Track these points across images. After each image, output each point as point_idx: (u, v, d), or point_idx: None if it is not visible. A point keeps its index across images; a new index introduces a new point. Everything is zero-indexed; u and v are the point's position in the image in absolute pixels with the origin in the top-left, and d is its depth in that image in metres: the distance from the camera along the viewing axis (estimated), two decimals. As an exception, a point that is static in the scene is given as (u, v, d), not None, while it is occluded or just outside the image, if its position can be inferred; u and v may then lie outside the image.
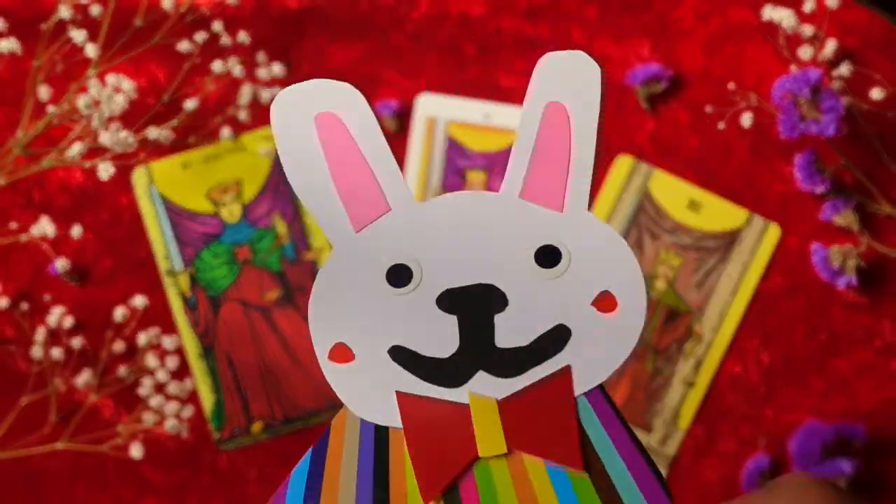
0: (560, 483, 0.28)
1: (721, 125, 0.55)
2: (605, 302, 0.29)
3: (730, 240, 0.55)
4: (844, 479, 0.51)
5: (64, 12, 0.51)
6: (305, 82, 0.29)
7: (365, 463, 0.29)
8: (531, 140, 0.30)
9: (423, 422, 0.28)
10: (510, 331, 0.29)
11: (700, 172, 0.56)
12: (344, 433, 0.29)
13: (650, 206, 0.56)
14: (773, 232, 0.55)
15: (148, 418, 0.52)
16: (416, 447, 0.28)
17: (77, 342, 0.54)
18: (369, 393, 0.29)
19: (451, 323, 0.29)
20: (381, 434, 0.29)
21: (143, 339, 0.53)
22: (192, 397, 0.54)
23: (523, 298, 0.29)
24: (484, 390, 0.29)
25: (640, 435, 0.55)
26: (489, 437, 0.28)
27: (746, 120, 0.54)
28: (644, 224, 0.55)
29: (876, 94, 0.53)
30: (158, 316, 0.55)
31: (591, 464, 0.28)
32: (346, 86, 0.29)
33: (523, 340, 0.29)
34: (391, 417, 0.29)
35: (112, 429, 0.54)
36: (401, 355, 0.29)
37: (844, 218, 0.54)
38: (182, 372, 0.54)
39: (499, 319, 0.29)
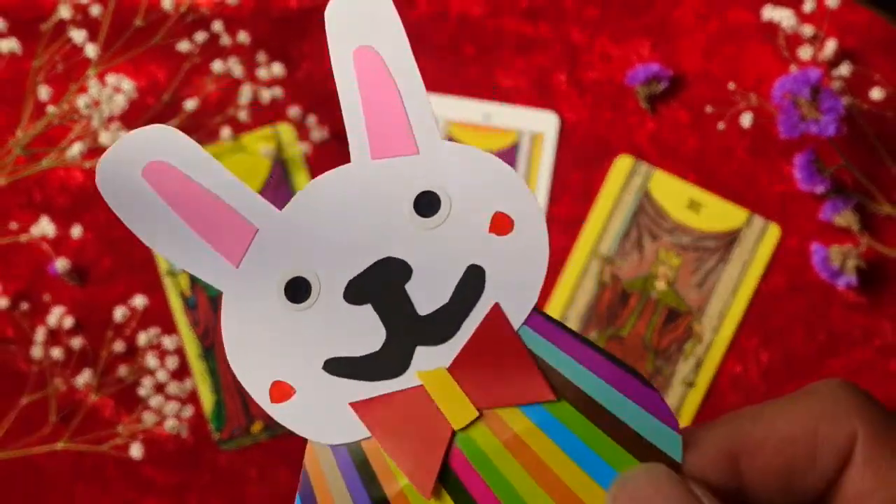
0: (543, 420, 0.27)
1: (721, 125, 0.55)
2: (499, 224, 0.28)
3: (730, 240, 0.55)
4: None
5: (64, 12, 0.51)
6: (117, 142, 0.28)
7: (354, 485, 0.28)
8: (355, 95, 0.28)
9: (388, 421, 0.27)
10: (426, 295, 0.27)
11: (700, 172, 0.56)
12: (320, 467, 0.28)
13: (650, 206, 0.56)
14: (773, 232, 0.55)
15: (148, 418, 0.52)
16: (393, 448, 0.27)
17: (77, 342, 0.54)
18: (325, 417, 0.28)
19: (368, 314, 0.27)
20: (355, 451, 0.28)
21: (143, 339, 0.53)
22: (192, 397, 0.54)
23: (423, 257, 0.28)
24: (429, 364, 0.27)
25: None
26: (456, 407, 0.27)
27: (746, 120, 0.54)
28: (644, 224, 0.55)
29: (876, 94, 0.53)
30: (158, 316, 0.55)
31: (562, 388, 0.27)
32: (161, 128, 0.28)
33: (443, 298, 0.27)
34: (356, 431, 0.27)
35: (112, 429, 0.54)
36: (337, 367, 0.28)
37: (844, 218, 0.54)
38: (182, 372, 0.54)
39: (410, 288, 0.27)
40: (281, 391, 0.28)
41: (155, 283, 0.56)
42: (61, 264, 0.55)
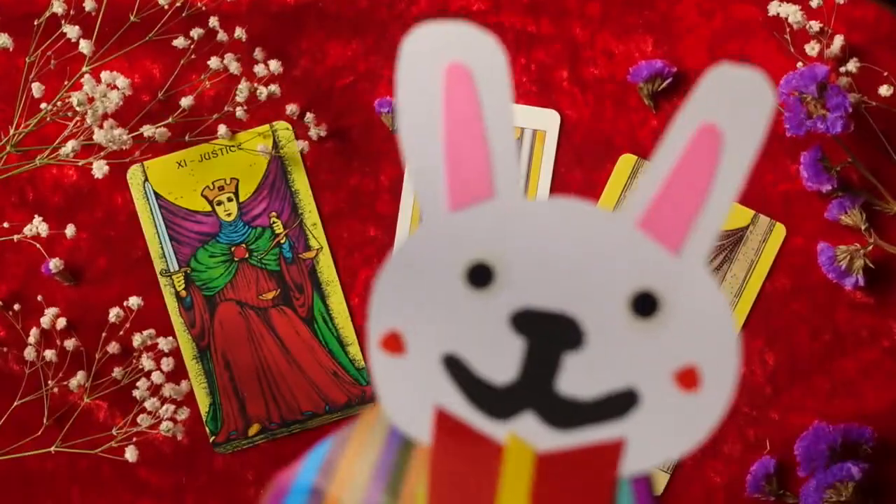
0: None
1: (726, 123, 0.54)
2: (687, 377, 0.25)
3: (735, 239, 0.55)
4: (852, 483, 0.50)
5: (57, 8, 0.51)
6: (445, 23, 0.25)
7: (382, 467, 0.26)
8: (670, 162, 0.26)
9: (452, 449, 0.25)
10: (576, 377, 0.25)
11: (704, 171, 0.55)
12: (369, 432, 0.26)
13: (654, 204, 0.55)
14: (779, 231, 0.54)
15: (143, 421, 0.52)
16: (437, 475, 0.26)
17: (71, 343, 0.53)
18: (409, 396, 0.26)
19: (516, 346, 0.26)
20: (406, 446, 0.26)
21: (137, 340, 0.53)
22: (188, 399, 0.54)
23: (603, 344, 0.25)
24: (526, 434, 0.25)
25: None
26: (514, 491, 0.25)
27: (751, 117, 0.53)
28: (647, 223, 0.55)
29: (884, 90, 0.52)
30: (153, 316, 0.54)
31: None
32: (490, 40, 0.25)
33: (587, 393, 0.25)
34: (422, 432, 0.26)
35: (107, 431, 0.53)
36: (453, 366, 0.26)
37: (851, 217, 0.53)
38: (178, 374, 0.53)
39: (568, 360, 0.25)
40: (394, 343, 0.26)
41: (150, 283, 0.55)
42: (55, 264, 0.54)
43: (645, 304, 0.25)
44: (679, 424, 0.25)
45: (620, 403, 0.25)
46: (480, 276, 0.26)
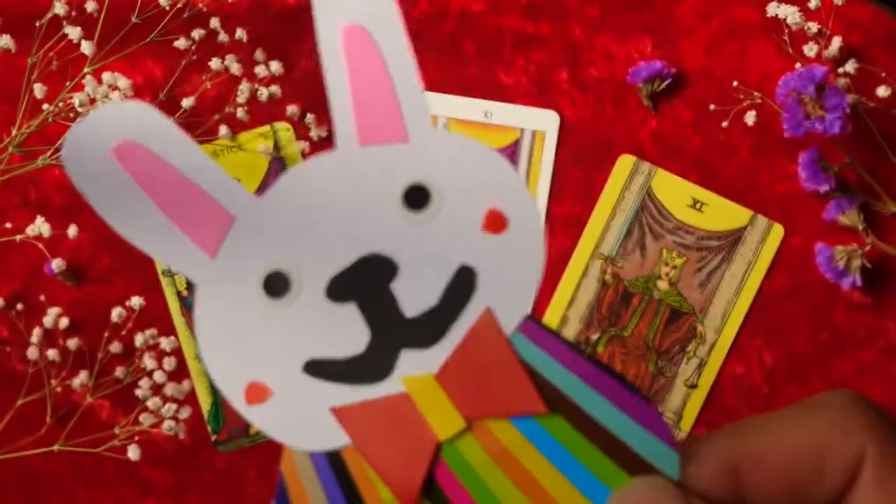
0: (534, 434, 0.25)
1: (724, 123, 0.54)
2: (493, 221, 0.25)
3: (733, 239, 0.55)
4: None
5: (59, 9, 0.51)
6: (89, 115, 0.25)
7: (333, 494, 0.26)
8: (342, 75, 0.26)
9: (370, 429, 0.25)
10: (413, 295, 0.25)
11: (703, 171, 0.55)
12: (298, 474, 0.26)
13: (652, 205, 0.55)
14: (777, 231, 0.55)
15: (145, 420, 0.52)
16: (375, 458, 0.25)
17: (73, 343, 0.53)
18: (303, 422, 0.26)
19: (351, 313, 0.25)
20: (335, 459, 0.26)
21: (140, 339, 0.53)
22: (190, 398, 0.54)
23: (410, 254, 0.25)
24: (414, 369, 0.25)
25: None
26: (442, 417, 0.25)
27: (750, 118, 0.53)
28: (646, 224, 0.55)
29: (882, 91, 0.53)
30: (156, 316, 0.55)
31: (554, 400, 0.25)
32: (133, 105, 0.25)
33: (431, 300, 0.25)
34: (336, 438, 0.25)
35: (109, 430, 0.53)
36: (317, 369, 0.26)
37: (849, 217, 0.53)
38: (180, 373, 0.54)
39: (397, 288, 0.25)
40: (257, 392, 0.26)
41: (152, 283, 0.55)
42: (57, 264, 0.54)
43: (416, 196, 0.26)
44: (517, 262, 0.26)
45: (463, 284, 0.26)
46: (278, 284, 0.26)
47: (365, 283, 0.26)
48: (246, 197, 0.26)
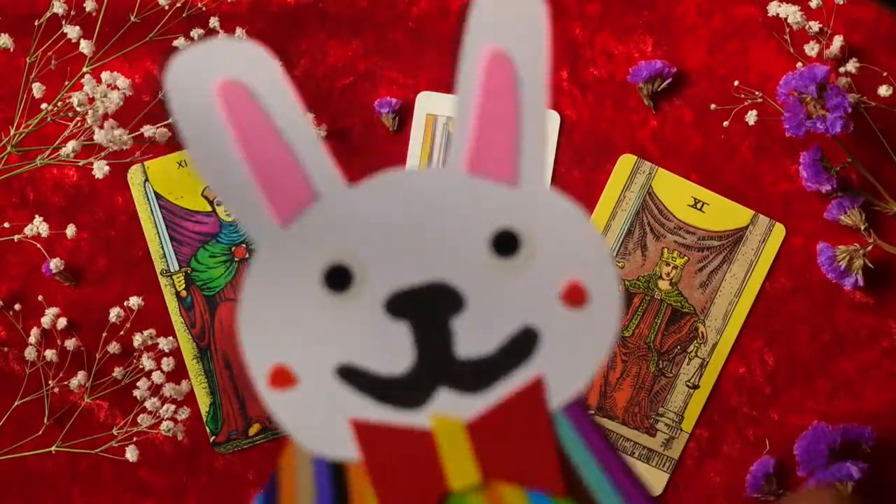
0: None
1: (725, 123, 0.54)
2: (573, 294, 0.25)
3: (734, 239, 0.55)
4: (851, 483, 0.50)
5: (58, 8, 0.51)
6: (202, 44, 0.24)
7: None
8: (472, 98, 0.25)
9: (384, 454, 0.24)
10: (470, 337, 0.25)
11: (704, 171, 0.55)
12: (295, 473, 0.25)
13: (653, 205, 0.55)
14: (779, 231, 0.54)
15: (143, 420, 0.52)
16: (380, 484, 0.24)
17: (71, 343, 0.53)
18: (320, 423, 0.25)
19: (402, 332, 0.25)
20: (337, 471, 0.25)
21: (138, 340, 0.53)
22: (189, 399, 0.54)
23: (482, 296, 0.25)
24: (448, 410, 0.24)
25: (644, 439, 0.54)
26: (459, 467, 0.24)
27: (751, 118, 0.53)
28: (647, 223, 0.55)
29: (883, 91, 0.52)
30: (154, 317, 0.54)
31: (574, 486, 0.24)
32: (251, 46, 0.24)
33: (486, 348, 0.25)
34: (347, 450, 0.25)
35: (107, 431, 0.53)
36: (350, 375, 0.25)
37: (851, 217, 0.53)
38: (178, 374, 0.53)
39: (456, 323, 0.25)
40: (282, 377, 0.25)
41: (150, 283, 0.55)
42: (55, 264, 0.54)
43: (506, 243, 0.25)
44: (584, 341, 0.25)
45: (522, 344, 0.25)
46: (339, 278, 0.25)
47: (427, 307, 0.25)
48: (336, 179, 0.25)
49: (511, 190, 0.25)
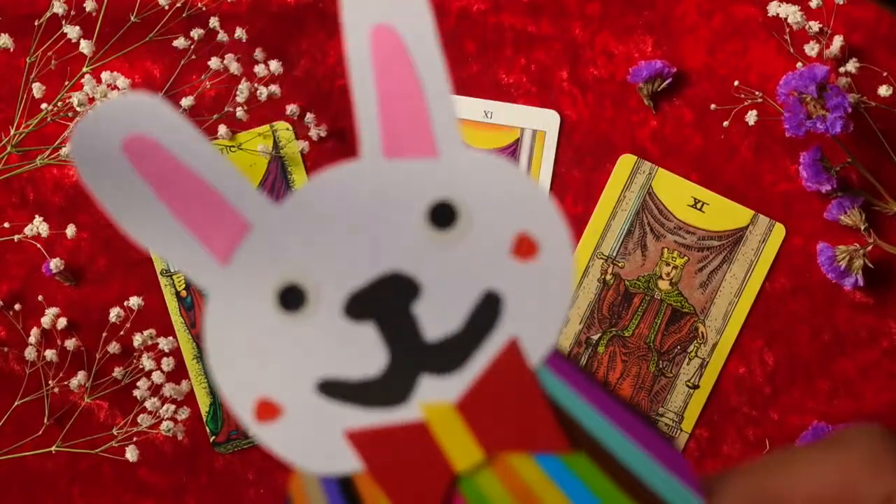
0: (556, 471, 0.24)
1: (725, 123, 0.54)
2: (523, 247, 0.24)
3: (734, 239, 0.55)
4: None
5: (58, 8, 0.51)
6: (95, 111, 0.24)
7: None
8: (370, 80, 0.24)
9: (385, 456, 0.24)
10: (435, 318, 0.24)
11: (704, 171, 0.55)
12: (307, 498, 0.24)
13: (653, 205, 0.55)
14: (779, 231, 0.54)
15: (143, 421, 0.52)
16: (389, 486, 0.24)
17: (71, 343, 0.53)
18: (315, 444, 0.24)
19: (369, 332, 0.24)
20: (347, 486, 0.24)
21: (138, 340, 0.53)
22: (188, 399, 0.54)
23: (434, 275, 0.24)
24: (434, 396, 0.24)
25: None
26: (460, 447, 0.24)
27: (751, 118, 0.53)
28: (647, 223, 0.55)
29: (883, 91, 0.52)
30: (154, 317, 0.54)
31: (579, 438, 0.24)
32: (146, 99, 0.24)
33: (454, 324, 0.24)
34: (348, 462, 0.24)
35: (107, 431, 0.53)
36: (331, 389, 0.25)
37: (851, 217, 0.53)
38: (178, 374, 0.53)
39: (418, 310, 0.24)
40: (267, 410, 0.24)
41: (150, 283, 0.55)
42: (55, 264, 0.54)
43: (442, 215, 0.25)
44: (546, 290, 0.24)
45: (487, 311, 0.25)
46: (293, 298, 0.25)
47: (385, 302, 0.24)
48: (264, 204, 0.25)
49: (433, 162, 0.25)
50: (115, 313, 0.53)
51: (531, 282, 0.25)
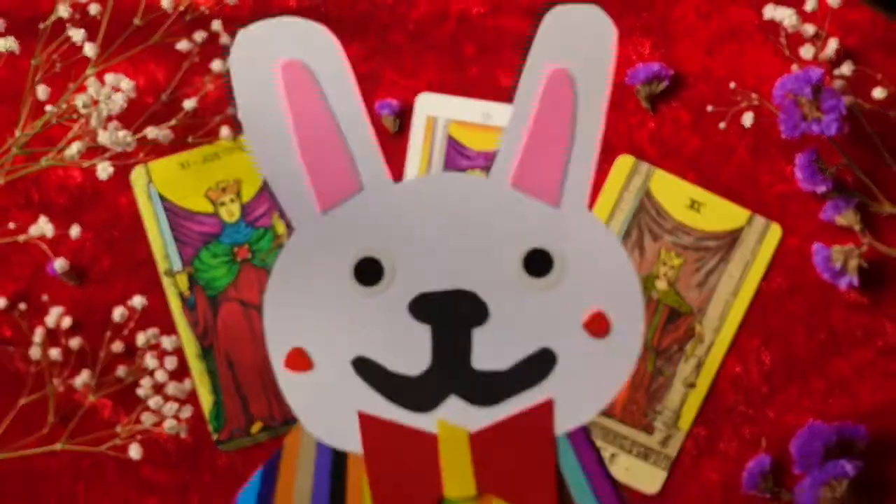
0: None
1: (722, 125, 0.55)
2: (597, 323, 0.25)
3: (731, 240, 0.55)
4: (846, 481, 0.51)
5: (62, 11, 0.51)
6: (267, 22, 0.24)
7: (320, 490, 0.25)
8: (527, 113, 0.26)
9: (386, 450, 0.25)
10: (489, 350, 0.25)
11: (701, 172, 0.56)
12: (298, 455, 0.25)
13: (651, 205, 0.55)
14: (775, 232, 0.55)
15: (147, 419, 0.52)
16: (378, 479, 0.25)
17: (75, 342, 0.54)
18: (328, 410, 0.25)
19: (423, 334, 0.25)
20: (338, 458, 0.25)
21: (141, 339, 0.53)
22: (192, 398, 0.54)
23: (507, 312, 0.25)
24: (455, 418, 0.25)
25: (642, 437, 0.54)
26: (457, 476, 0.24)
27: (747, 119, 0.54)
28: (645, 224, 0.55)
29: (878, 93, 0.53)
30: (157, 316, 0.55)
31: None
32: (320, 30, 0.24)
33: (503, 363, 0.25)
34: (351, 441, 0.25)
35: (111, 429, 0.53)
36: (365, 369, 0.25)
37: (846, 218, 0.54)
38: (181, 372, 0.54)
39: (477, 335, 0.25)
40: (299, 360, 0.25)
41: (154, 283, 0.55)
42: (60, 264, 0.54)
43: (538, 262, 0.25)
44: (600, 371, 0.25)
45: (539, 365, 0.25)
46: (369, 271, 0.25)
47: (451, 314, 0.25)
48: (383, 174, 0.25)
49: (551, 210, 0.25)
50: (118, 313, 0.54)
51: (590, 357, 0.25)
